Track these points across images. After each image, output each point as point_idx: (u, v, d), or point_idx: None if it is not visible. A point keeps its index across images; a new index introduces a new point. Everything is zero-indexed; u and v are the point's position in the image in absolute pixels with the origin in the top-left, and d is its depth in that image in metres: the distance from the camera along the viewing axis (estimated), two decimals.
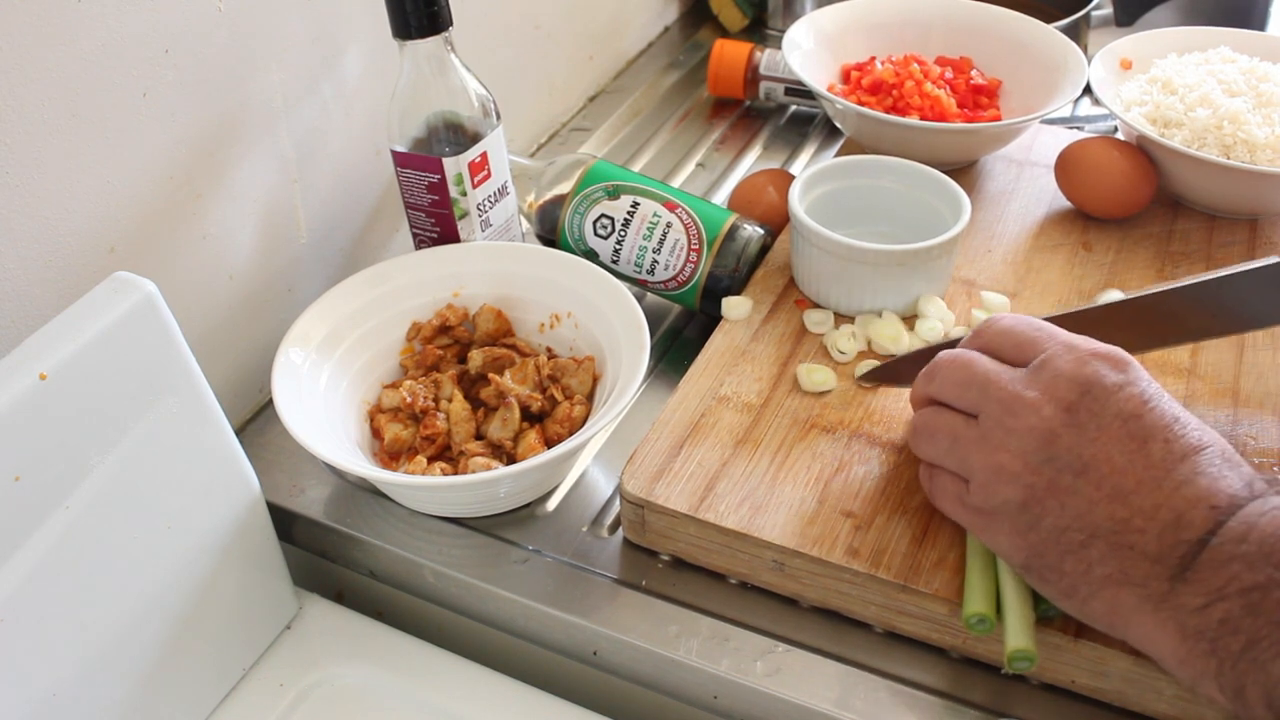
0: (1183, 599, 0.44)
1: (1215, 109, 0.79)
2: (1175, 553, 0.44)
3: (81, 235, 0.60)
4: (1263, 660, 0.42)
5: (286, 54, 0.70)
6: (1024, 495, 0.48)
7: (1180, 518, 0.45)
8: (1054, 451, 0.47)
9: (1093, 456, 0.47)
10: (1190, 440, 0.46)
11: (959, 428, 0.52)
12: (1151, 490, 0.45)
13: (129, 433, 0.53)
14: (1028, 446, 0.48)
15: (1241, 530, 0.43)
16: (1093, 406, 0.47)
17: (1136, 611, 0.46)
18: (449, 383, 0.70)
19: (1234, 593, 0.43)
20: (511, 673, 0.64)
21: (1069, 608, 0.49)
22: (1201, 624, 0.44)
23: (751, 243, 0.76)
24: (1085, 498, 0.46)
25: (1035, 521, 0.48)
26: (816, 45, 0.92)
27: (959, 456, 0.52)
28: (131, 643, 0.56)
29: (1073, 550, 0.47)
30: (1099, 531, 0.46)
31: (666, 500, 0.61)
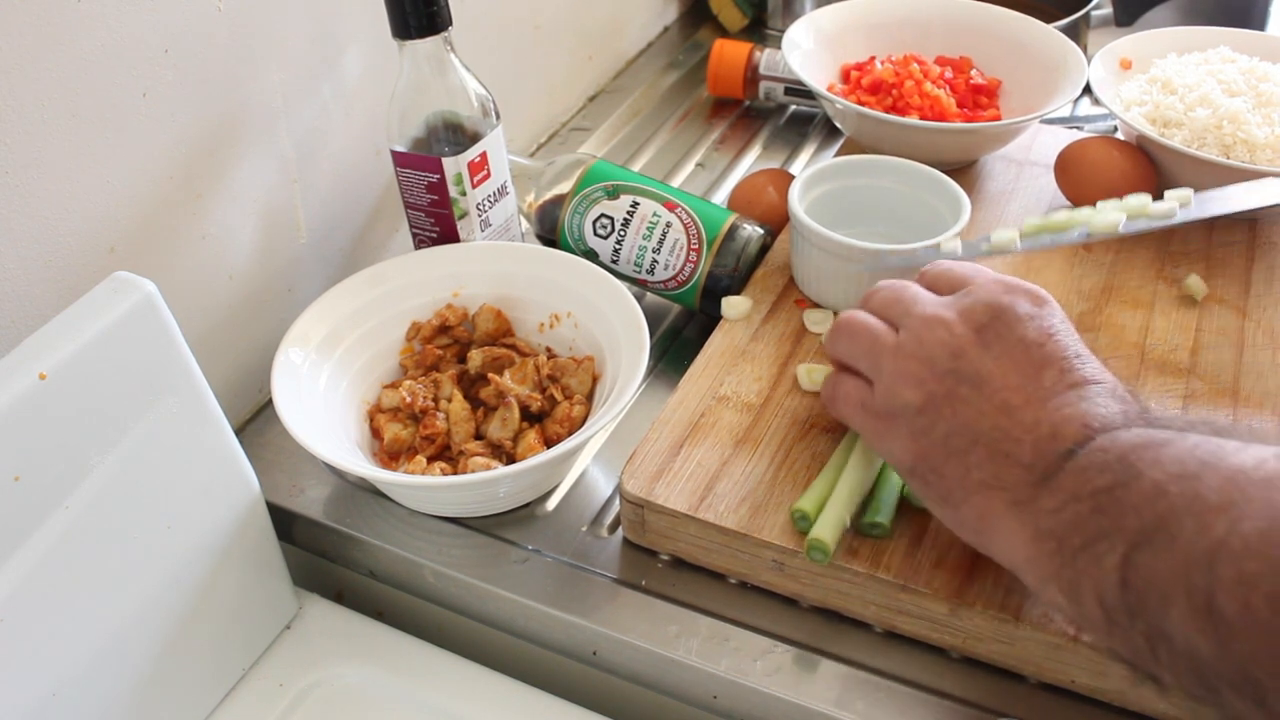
0: (1042, 502, 0.47)
1: (1215, 109, 0.79)
2: (1044, 461, 0.47)
3: (81, 235, 0.60)
4: (1099, 554, 0.44)
5: (286, 54, 0.70)
6: (923, 400, 0.51)
7: (1056, 431, 0.47)
8: (957, 365, 0.51)
9: (990, 372, 0.50)
10: (1083, 373, 0.49)
11: (880, 332, 0.55)
12: (1036, 407, 0.48)
13: (129, 433, 0.53)
14: (935, 355, 0.51)
15: (1107, 444, 0.46)
16: (1000, 330, 0.51)
17: (1001, 516, 0.48)
18: (449, 383, 0.70)
19: (1085, 495, 0.45)
20: (511, 673, 0.64)
21: (944, 514, 0.52)
22: (1053, 524, 0.46)
23: (751, 242, 0.76)
24: (976, 408, 0.50)
25: (929, 427, 0.51)
26: (816, 45, 0.92)
27: (873, 358, 0.54)
28: (131, 642, 0.56)
29: (956, 454, 0.50)
30: (981, 438, 0.49)
31: (666, 500, 0.61)
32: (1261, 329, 0.72)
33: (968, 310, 0.52)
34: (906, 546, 0.58)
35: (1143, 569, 0.42)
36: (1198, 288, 0.74)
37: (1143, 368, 0.69)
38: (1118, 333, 0.72)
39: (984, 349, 0.51)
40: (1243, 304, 0.74)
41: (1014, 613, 0.55)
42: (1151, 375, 0.69)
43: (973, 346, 0.51)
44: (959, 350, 0.51)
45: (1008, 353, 0.50)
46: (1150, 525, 0.42)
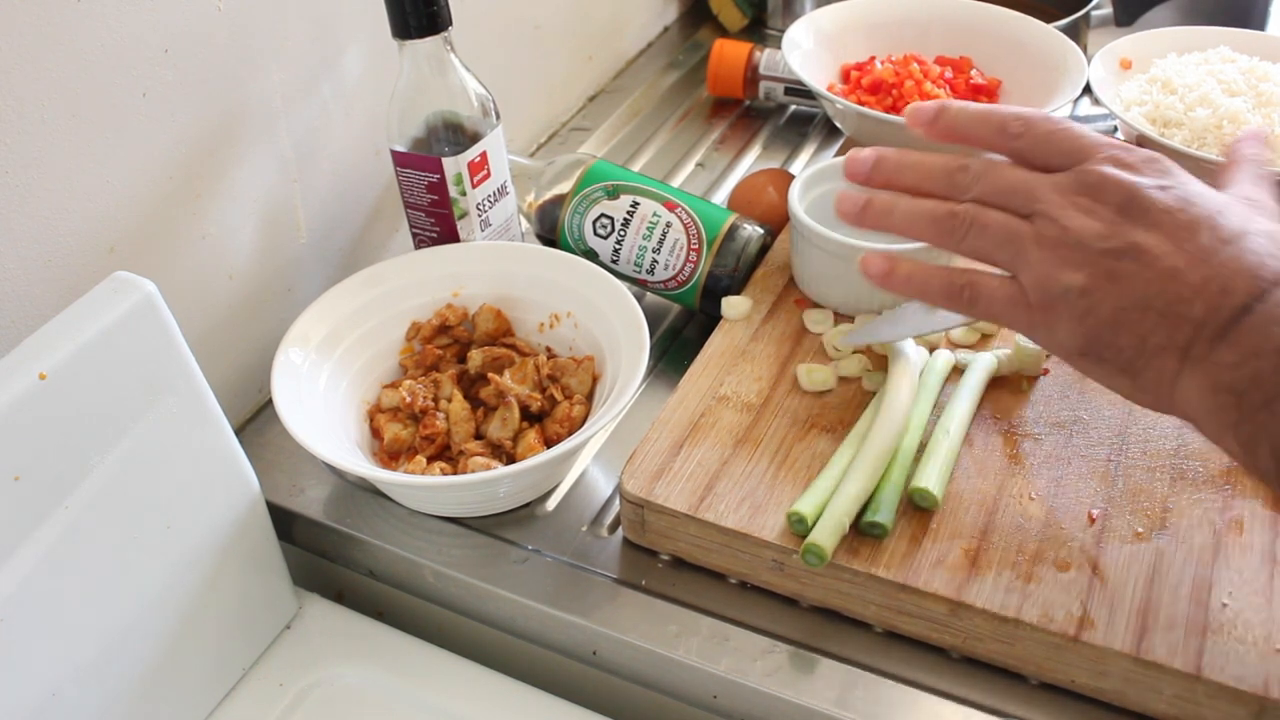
0: (1220, 356, 0.47)
1: (1215, 109, 0.79)
2: (1219, 316, 0.47)
3: (81, 235, 0.60)
4: (1278, 411, 0.45)
5: (286, 54, 0.70)
6: (1086, 281, 0.50)
7: (1226, 287, 0.47)
8: (1110, 244, 0.50)
9: (1145, 244, 0.49)
10: (1235, 225, 0.49)
11: (1013, 223, 0.53)
12: (1201, 266, 0.48)
13: (129, 433, 0.53)
14: (1084, 238, 0.50)
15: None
16: (1142, 205, 0.50)
17: (1179, 374, 0.48)
18: (448, 382, 0.70)
19: (1268, 351, 0.45)
20: (511, 673, 0.64)
21: (1122, 384, 0.51)
22: (1233, 379, 0.46)
23: (751, 242, 0.76)
24: (1141, 278, 0.49)
25: (1094, 307, 0.50)
26: (816, 45, 0.92)
27: (1014, 250, 0.52)
28: (131, 642, 0.56)
29: (1128, 326, 0.49)
30: (1152, 305, 0.48)
31: (666, 500, 0.61)
32: None
33: (1098, 190, 0.51)
34: (906, 546, 0.58)
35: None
36: None
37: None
38: None
39: (1132, 224, 0.50)
40: None
41: (1014, 613, 0.55)
42: None
43: (1119, 225, 0.50)
44: (1108, 231, 0.50)
45: (1156, 224, 0.49)
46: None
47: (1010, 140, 0.55)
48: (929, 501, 0.59)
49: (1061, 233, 0.51)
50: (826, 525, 0.57)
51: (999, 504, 0.61)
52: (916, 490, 0.59)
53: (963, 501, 0.61)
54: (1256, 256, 0.48)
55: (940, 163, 0.57)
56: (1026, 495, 0.61)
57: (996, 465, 0.63)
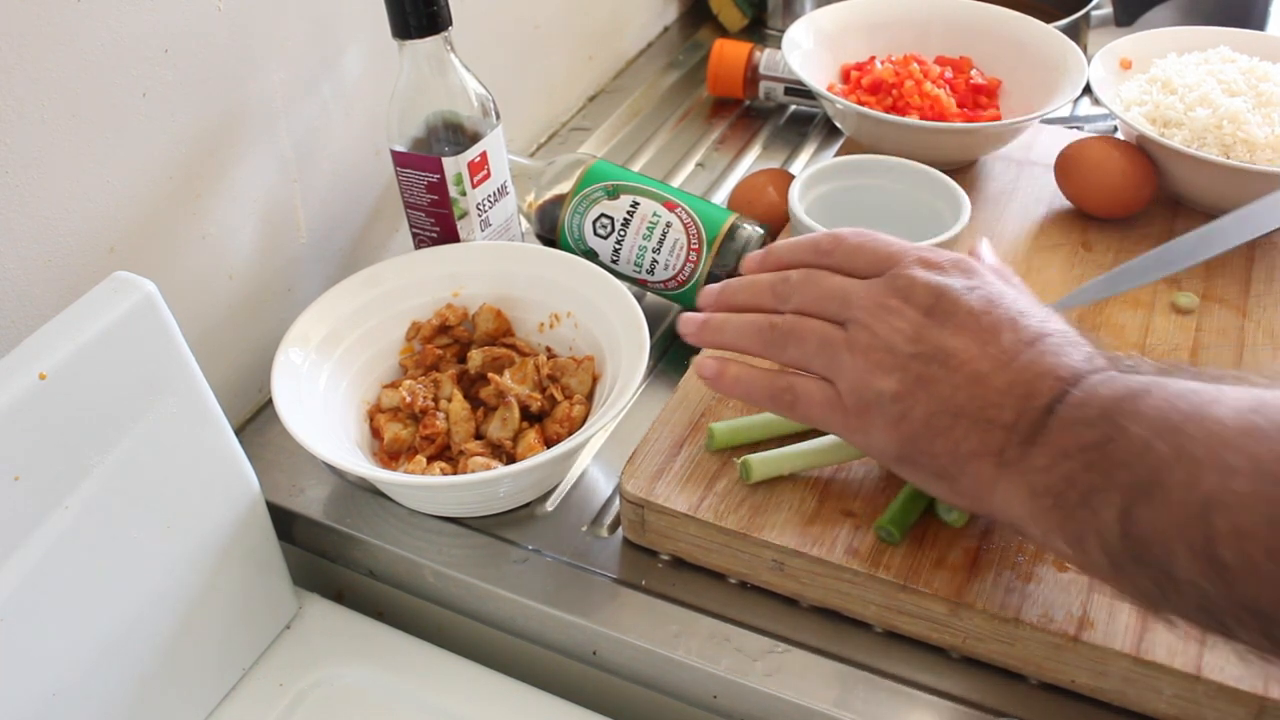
0: (1032, 460, 0.48)
1: (1215, 109, 0.79)
2: (1026, 419, 0.48)
3: (81, 235, 0.60)
4: (1097, 508, 0.45)
5: (286, 54, 0.70)
6: (897, 386, 0.51)
7: (1030, 390, 0.49)
8: (919, 348, 0.51)
9: (952, 348, 0.51)
10: (1035, 328, 0.51)
11: (828, 331, 0.54)
12: (1004, 370, 0.49)
13: (128, 432, 0.53)
14: (894, 343, 0.52)
15: (1082, 397, 0.47)
16: (948, 308, 0.52)
17: (996, 480, 0.49)
18: (448, 382, 0.70)
19: (1075, 451, 0.46)
20: (511, 673, 0.64)
21: (944, 491, 0.53)
22: (1048, 482, 0.47)
23: (751, 242, 0.76)
24: (949, 384, 0.50)
25: (906, 412, 0.51)
26: (816, 45, 0.92)
27: (828, 357, 0.54)
28: (131, 642, 0.56)
29: (941, 432, 0.50)
30: (962, 411, 0.50)
31: (666, 500, 0.61)
32: (1261, 329, 0.72)
33: (907, 293, 0.53)
34: (907, 546, 0.58)
35: (1141, 522, 0.44)
36: (1190, 303, 0.74)
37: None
38: (1118, 332, 0.72)
39: (939, 327, 0.51)
40: (1243, 304, 0.74)
41: (1014, 613, 0.55)
42: None
43: (927, 328, 0.51)
44: (916, 335, 0.51)
45: (961, 326, 0.51)
46: (1143, 480, 0.44)
47: (824, 256, 0.57)
48: (956, 520, 0.59)
49: (872, 338, 0.52)
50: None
51: None
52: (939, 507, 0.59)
53: None
54: (1055, 356, 0.49)
55: (766, 279, 0.59)
56: None
57: None
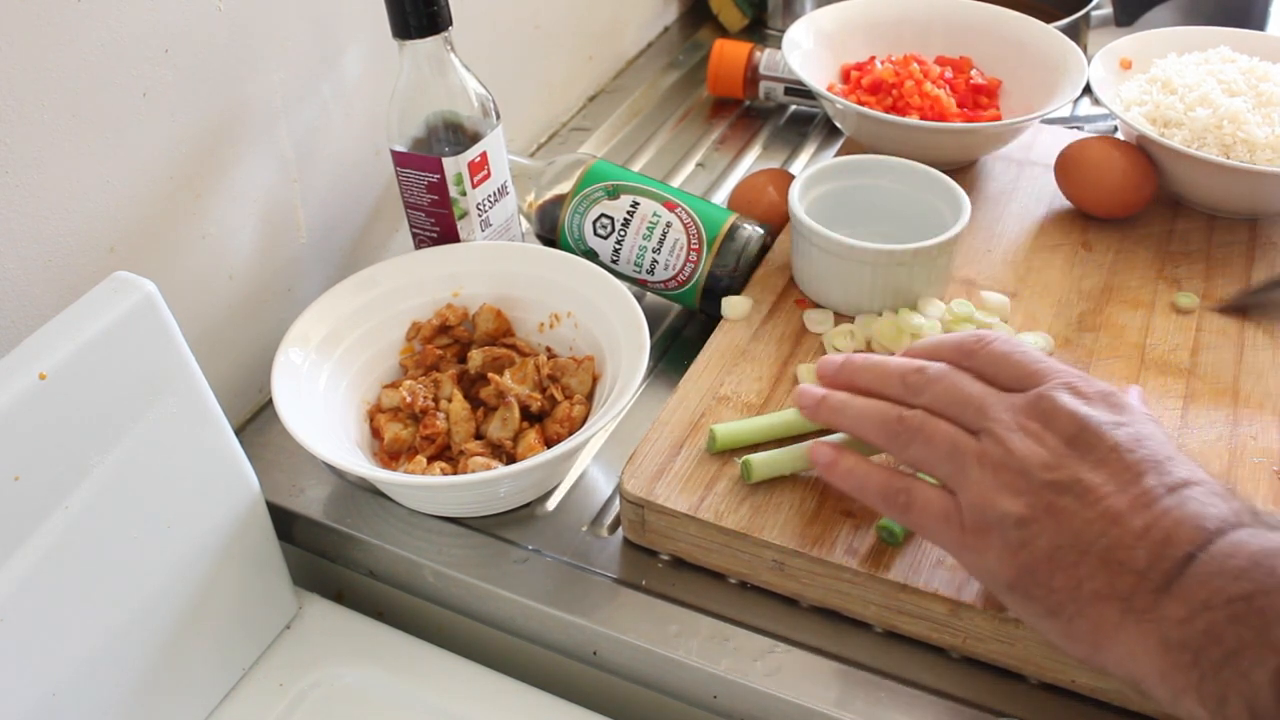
0: (1167, 610, 0.44)
1: (1215, 109, 0.79)
2: (1161, 566, 0.45)
3: (81, 235, 0.60)
4: (1245, 668, 0.42)
5: (286, 54, 0.70)
6: (1024, 511, 0.48)
7: (1169, 536, 0.45)
8: (1054, 475, 0.48)
9: (1090, 482, 0.47)
10: (1182, 474, 0.47)
11: (958, 438, 0.51)
12: (1143, 512, 0.46)
13: (129, 432, 0.53)
14: (1029, 466, 0.49)
15: (1229, 549, 0.44)
16: (1091, 440, 0.49)
17: (1120, 627, 0.46)
18: (449, 382, 0.70)
19: (1219, 604, 0.43)
20: (511, 673, 0.64)
21: (1052, 628, 0.49)
22: (1185, 635, 0.44)
23: (751, 242, 0.76)
24: (1081, 517, 0.47)
25: (1029, 540, 0.48)
26: (816, 45, 0.92)
27: (956, 465, 0.51)
28: (131, 642, 0.56)
29: (1063, 568, 0.47)
30: (1091, 548, 0.46)
31: (666, 500, 0.61)
32: (1261, 329, 0.72)
33: (1050, 417, 0.49)
34: (907, 546, 0.58)
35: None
36: (1190, 303, 0.74)
37: (1143, 368, 0.69)
38: (1118, 333, 0.72)
39: (1079, 459, 0.48)
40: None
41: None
42: (1152, 375, 0.69)
43: (1067, 457, 0.48)
44: (1054, 463, 0.48)
45: (1103, 461, 0.48)
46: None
47: (966, 357, 0.54)
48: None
49: (1006, 455, 0.49)
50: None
51: None
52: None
53: None
54: (1200, 505, 0.46)
55: (897, 366, 0.56)
56: None
57: None
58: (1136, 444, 0.48)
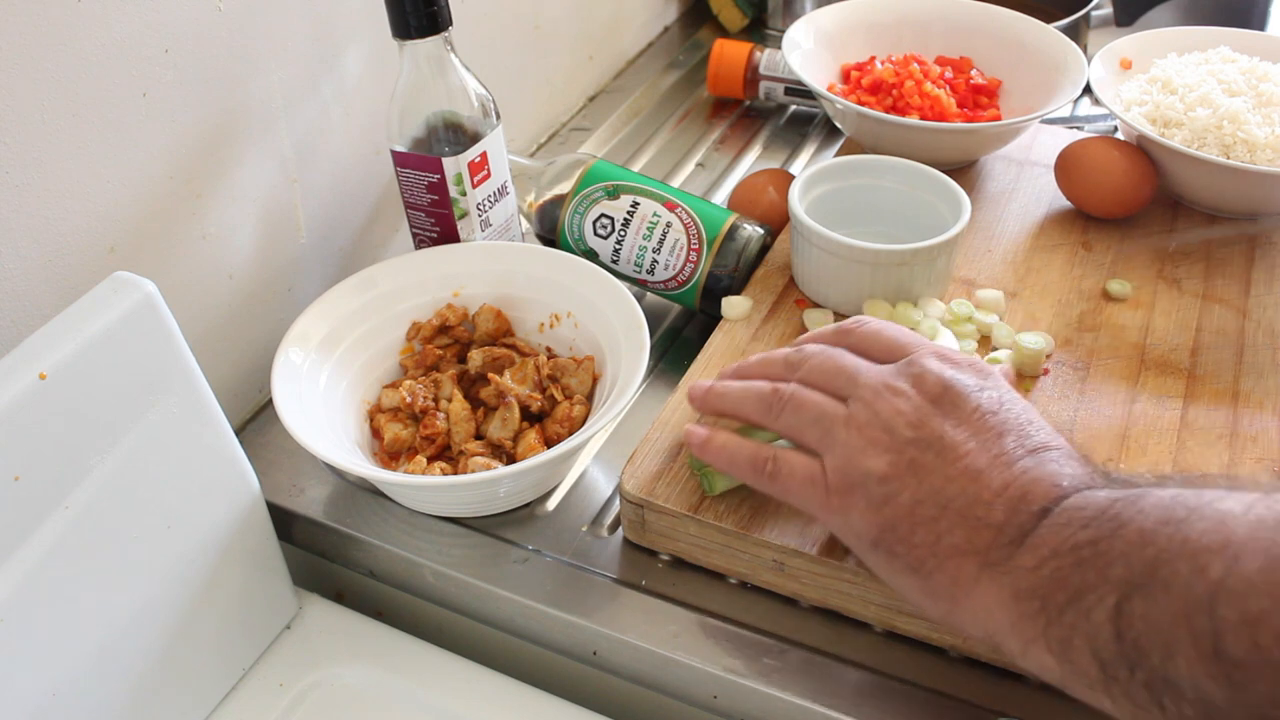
0: (1019, 560, 0.46)
1: (1215, 109, 0.79)
2: (1016, 520, 0.47)
3: (81, 235, 0.60)
4: (1087, 607, 0.43)
5: (286, 54, 0.70)
6: (886, 469, 0.50)
7: (1025, 493, 0.47)
8: (919, 433, 0.50)
9: (953, 439, 0.50)
10: (1041, 438, 0.49)
11: (826, 404, 0.53)
12: (1002, 470, 0.48)
13: (129, 433, 0.53)
14: (894, 424, 0.51)
15: (1080, 502, 0.46)
16: (955, 399, 0.51)
17: (976, 581, 0.47)
18: (449, 382, 0.70)
19: (1065, 550, 0.44)
20: (511, 673, 0.64)
21: (912, 584, 0.50)
22: (1033, 583, 0.45)
23: (751, 242, 0.76)
24: (942, 474, 0.49)
25: (892, 496, 0.50)
26: (816, 45, 0.92)
27: (823, 429, 0.53)
28: (131, 642, 0.56)
29: (924, 522, 0.49)
30: (950, 503, 0.48)
31: (666, 500, 0.61)
32: (1262, 329, 0.72)
33: (918, 380, 0.52)
34: None
35: (1138, 618, 0.41)
36: (1122, 290, 0.75)
37: (1142, 368, 0.69)
38: (1117, 333, 0.72)
39: (942, 418, 0.50)
40: (1243, 304, 0.74)
41: None
42: (1151, 376, 0.69)
43: (931, 416, 0.50)
44: (918, 420, 0.50)
45: (965, 420, 0.50)
46: (1140, 573, 0.42)
47: (843, 337, 0.57)
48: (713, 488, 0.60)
49: (872, 416, 0.51)
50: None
51: None
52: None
53: None
54: (1057, 466, 0.48)
55: (781, 351, 0.59)
56: None
57: None
58: (999, 406, 0.51)
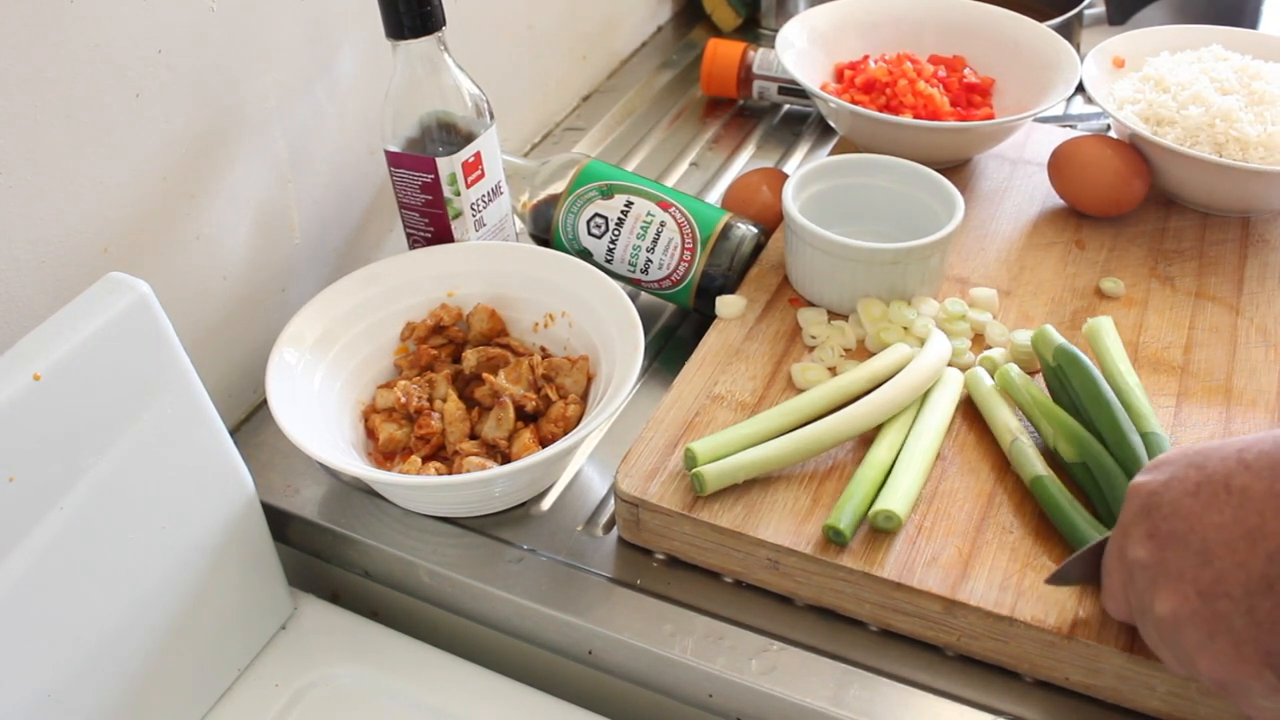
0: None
1: (1207, 107, 0.79)
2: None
3: (75, 236, 0.60)
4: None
5: (280, 54, 0.70)
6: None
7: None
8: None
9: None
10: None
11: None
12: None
13: (123, 433, 0.53)
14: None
15: None
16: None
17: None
18: (444, 382, 0.70)
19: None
20: (507, 672, 0.64)
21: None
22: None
23: (745, 241, 0.76)
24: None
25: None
26: (810, 44, 0.92)
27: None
28: (127, 643, 0.56)
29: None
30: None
31: (661, 499, 0.61)
32: (1254, 326, 0.72)
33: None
34: (900, 544, 0.58)
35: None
36: (1115, 288, 0.75)
37: (1136, 365, 0.69)
38: None
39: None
40: (1235, 301, 0.74)
41: (1008, 610, 0.55)
42: (1145, 373, 0.69)
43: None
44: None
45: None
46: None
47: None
48: (893, 523, 0.58)
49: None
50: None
51: (993, 502, 0.61)
52: (881, 513, 0.58)
53: (956, 499, 0.61)
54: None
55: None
56: (1020, 493, 0.61)
57: (990, 463, 0.63)
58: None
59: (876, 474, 0.60)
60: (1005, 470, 0.63)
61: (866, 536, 0.59)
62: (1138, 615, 0.50)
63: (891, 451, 0.62)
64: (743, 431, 0.62)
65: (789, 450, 0.61)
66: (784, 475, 0.62)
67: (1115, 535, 0.51)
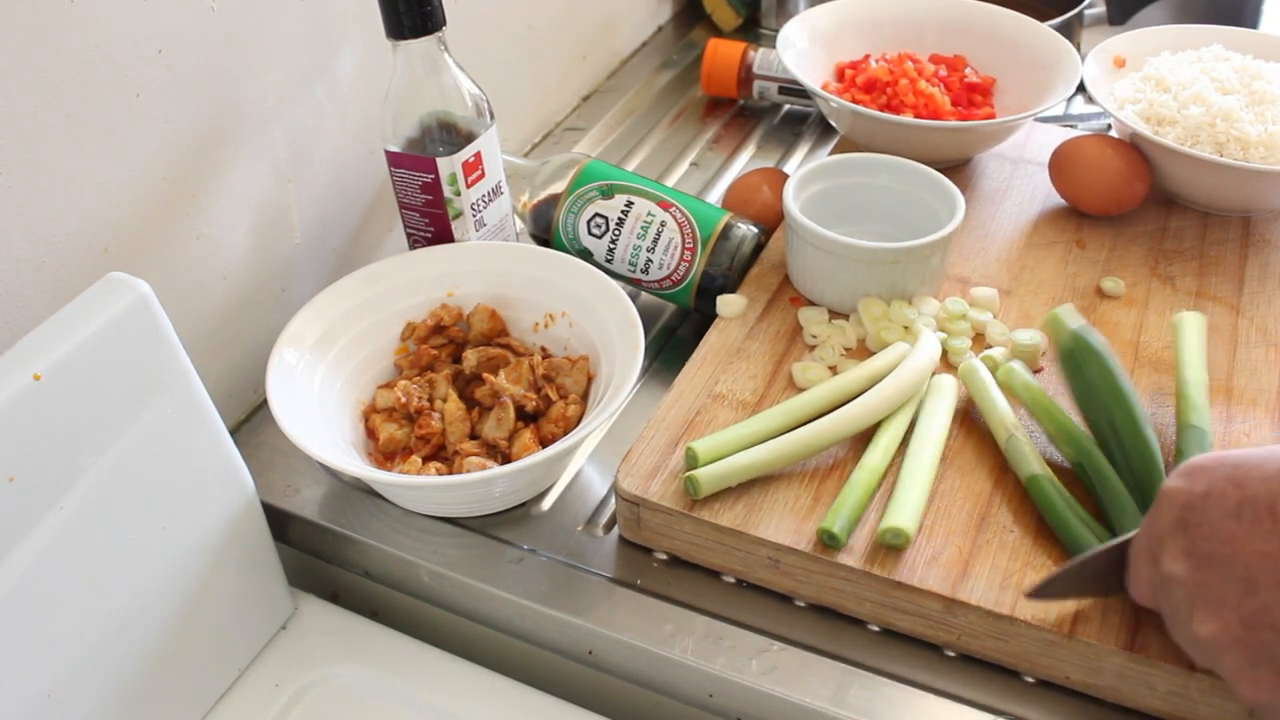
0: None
1: (1208, 106, 0.79)
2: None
3: (75, 236, 0.60)
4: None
5: (280, 54, 0.70)
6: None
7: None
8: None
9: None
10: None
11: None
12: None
13: (123, 433, 0.53)
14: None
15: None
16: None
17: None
18: (444, 382, 0.70)
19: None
20: (507, 672, 0.64)
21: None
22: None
23: (746, 241, 0.76)
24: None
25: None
26: (810, 44, 0.92)
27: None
28: (127, 643, 0.56)
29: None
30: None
31: (662, 498, 0.61)
32: (1255, 326, 0.72)
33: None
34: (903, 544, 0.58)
35: None
36: (1115, 288, 0.75)
37: (1136, 364, 0.69)
38: (1111, 330, 0.72)
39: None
40: (1236, 301, 0.74)
41: (1008, 609, 0.55)
42: (1145, 372, 0.69)
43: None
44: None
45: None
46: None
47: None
48: (902, 540, 0.58)
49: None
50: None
51: (993, 500, 0.61)
52: (890, 530, 0.58)
53: (957, 498, 0.61)
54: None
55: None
56: (1021, 491, 0.61)
57: (991, 462, 0.63)
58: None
59: (870, 478, 0.60)
60: (1005, 469, 0.63)
61: (868, 537, 0.58)
62: (1169, 620, 0.51)
63: (885, 455, 0.62)
64: (743, 431, 0.62)
65: (782, 452, 0.61)
66: (785, 474, 0.62)
67: (1145, 536, 0.51)
